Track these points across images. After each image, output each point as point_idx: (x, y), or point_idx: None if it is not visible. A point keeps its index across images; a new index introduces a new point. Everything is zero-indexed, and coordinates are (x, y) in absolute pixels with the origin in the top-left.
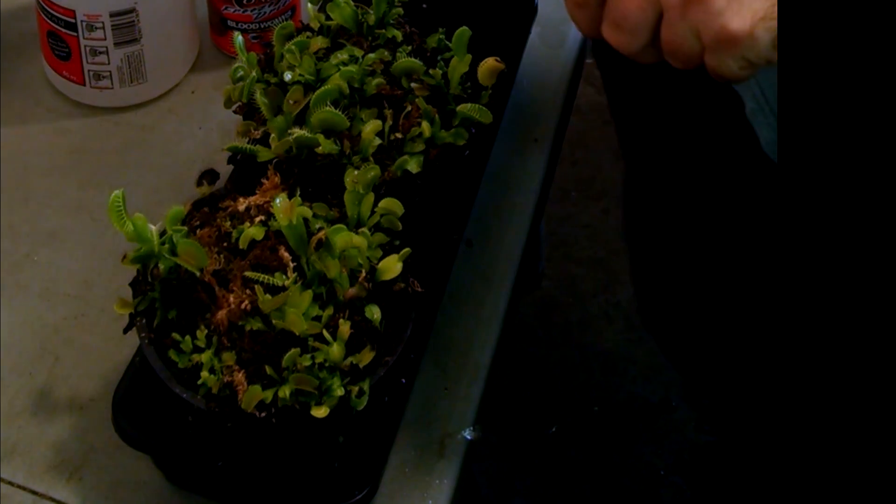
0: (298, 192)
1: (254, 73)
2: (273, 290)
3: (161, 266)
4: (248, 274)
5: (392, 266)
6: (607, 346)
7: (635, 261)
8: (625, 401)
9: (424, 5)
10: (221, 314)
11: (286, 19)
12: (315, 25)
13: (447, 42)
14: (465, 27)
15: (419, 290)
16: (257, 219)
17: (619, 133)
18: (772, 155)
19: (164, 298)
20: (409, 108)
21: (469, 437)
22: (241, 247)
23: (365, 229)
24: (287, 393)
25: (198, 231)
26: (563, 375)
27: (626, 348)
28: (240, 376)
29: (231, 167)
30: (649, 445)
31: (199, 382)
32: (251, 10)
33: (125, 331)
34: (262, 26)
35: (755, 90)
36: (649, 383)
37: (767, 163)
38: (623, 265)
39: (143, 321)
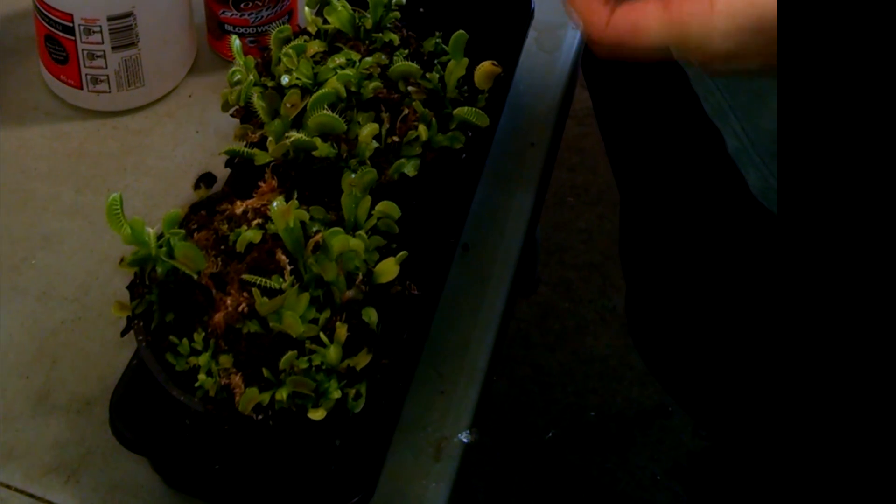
0: (296, 196)
1: (251, 77)
2: (270, 292)
3: (158, 269)
4: (245, 277)
5: (389, 269)
6: (603, 351)
7: (628, 279)
8: (621, 406)
9: (421, 9)
10: (219, 317)
11: (283, 23)
12: (312, 29)
13: (444, 46)
14: (461, 31)
15: (416, 293)
16: (255, 222)
17: (610, 160)
18: (761, 198)
19: (161, 301)
20: (406, 111)
21: (465, 441)
22: (238, 250)
23: (362, 232)
24: (284, 395)
25: (195, 234)
26: (560, 380)
27: (623, 353)
28: (237, 379)
29: (228, 171)
30: (646, 450)
31: (197, 385)
32: (248, 14)
33: (123, 333)
34: (259, 30)
35: (735, 127)
36: (645, 388)
37: (756, 205)
38: (619, 270)
39: (141, 324)
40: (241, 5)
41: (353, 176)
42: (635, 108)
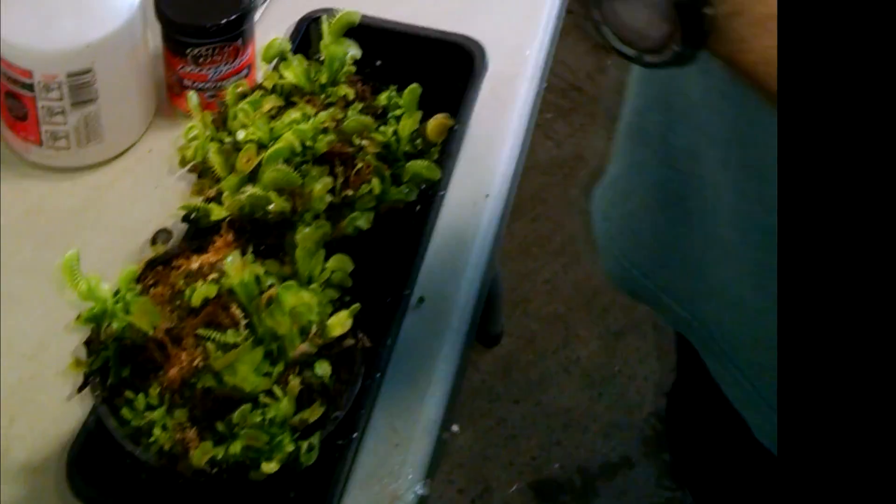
0: (251, 250)
1: (207, 133)
2: (225, 347)
3: (114, 325)
4: (200, 332)
5: (342, 322)
6: (567, 403)
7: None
8: (585, 458)
9: (378, 62)
10: (174, 372)
11: (242, 78)
12: (269, 84)
13: (398, 99)
14: (415, 84)
15: (368, 345)
16: (210, 277)
17: None
18: (766, 443)
19: (117, 357)
20: (360, 165)
21: (420, 493)
22: (193, 305)
23: (316, 286)
24: (237, 449)
25: (151, 290)
26: (524, 433)
27: (586, 405)
28: (191, 433)
29: (186, 226)
30: (609, 502)
31: (152, 440)
32: (207, 70)
33: (79, 390)
34: (218, 85)
35: (736, 375)
36: (609, 440)
37: (761, 450)
38: (582, 320)
39: (97, 380)
40: (200, 60)
41: (307, 230)
42: None
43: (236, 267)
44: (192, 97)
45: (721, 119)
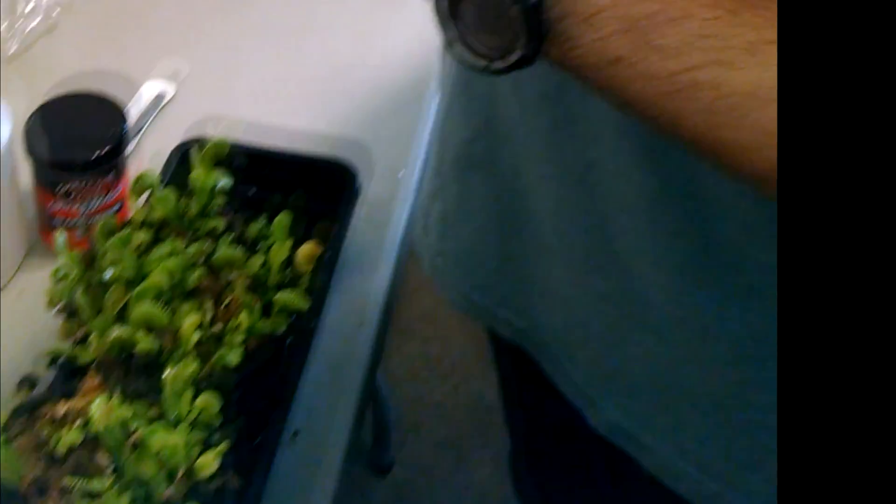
0: (119, 392)
1: (75, 273)
2: (90, 496)
3: None
4: (66, 481)
5: (209, 463)
6: None
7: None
8: None
9: (253, 190)
10: None
11: (116, 211)
12: (139, 219)
13: (267, 231)
14: (283, 214)
15: (236, 485)
16: (76, 423)
17: None
18: (600, 430)
19: None
20: (230, 298)
21: None
22: (59, 453)
23: (184, 426)
24: None
25: (16, 440)
26: None
27: None
28: None
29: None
30: None
31: None
32: (78, 206)
33: None
34: (91, 221)
35: (569, 370)
36: None
37: (597, 441)
38: (475, 443)
39: None
40: (71, 196)
41: (175, 369)
42: None
43: (102, 412)
44: (59, 237)
45: (536, 134)
